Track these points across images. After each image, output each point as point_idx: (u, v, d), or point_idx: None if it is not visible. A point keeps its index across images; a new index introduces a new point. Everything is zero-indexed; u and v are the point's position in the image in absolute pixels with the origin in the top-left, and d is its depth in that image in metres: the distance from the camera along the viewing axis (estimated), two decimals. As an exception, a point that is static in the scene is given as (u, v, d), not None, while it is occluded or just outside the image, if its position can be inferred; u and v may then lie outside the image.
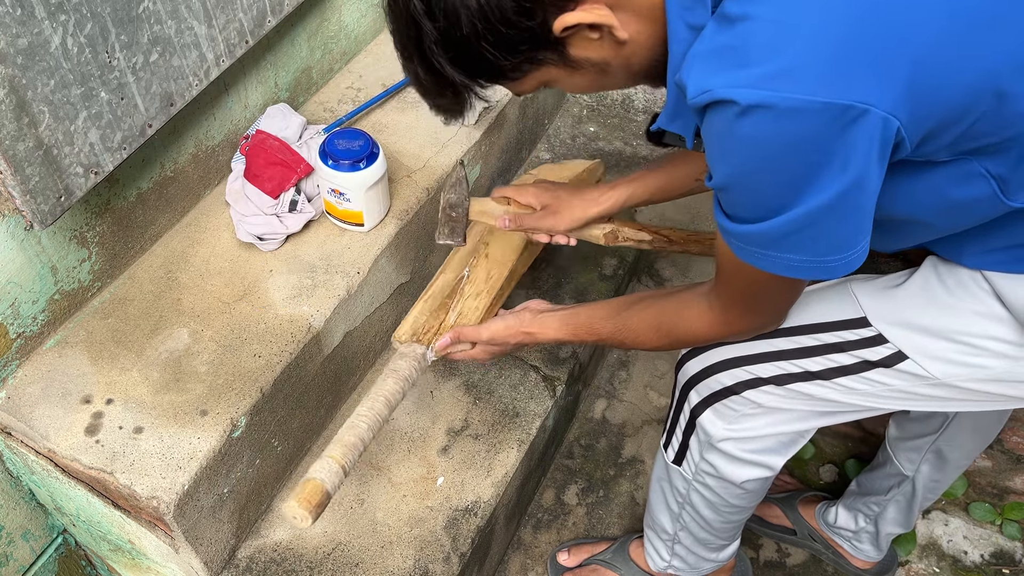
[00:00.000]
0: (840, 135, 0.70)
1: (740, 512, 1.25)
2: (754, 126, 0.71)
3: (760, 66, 0.70)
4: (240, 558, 1.32)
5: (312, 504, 1.02)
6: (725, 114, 0.72)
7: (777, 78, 0.69)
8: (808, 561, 1.61)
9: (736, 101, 0.70)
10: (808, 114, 0.69)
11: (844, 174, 0.72)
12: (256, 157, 1.38)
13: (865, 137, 0.70)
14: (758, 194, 0.77)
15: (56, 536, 1.45)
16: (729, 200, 0.81)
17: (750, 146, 0.73)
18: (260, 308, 1.31)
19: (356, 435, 1.10)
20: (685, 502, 1.26)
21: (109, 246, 1.30)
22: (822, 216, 0.75)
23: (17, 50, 0.96)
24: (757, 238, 0.80)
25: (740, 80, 0.70)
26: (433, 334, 1.25)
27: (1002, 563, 1.62)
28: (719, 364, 1.10)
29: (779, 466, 1.15)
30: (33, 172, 1.04)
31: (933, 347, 0.95)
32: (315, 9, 1.54)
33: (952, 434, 1.31)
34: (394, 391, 1.16)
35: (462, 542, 1.36)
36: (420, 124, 1.61)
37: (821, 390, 1.04)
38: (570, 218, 1.28)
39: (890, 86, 0.69)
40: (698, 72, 0.74)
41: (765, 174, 0.75)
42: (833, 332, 1.02)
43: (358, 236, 1.42)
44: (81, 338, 1.27)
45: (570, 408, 1.71)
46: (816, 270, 0.80)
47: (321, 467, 1.06)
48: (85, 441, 1.16)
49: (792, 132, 0.70)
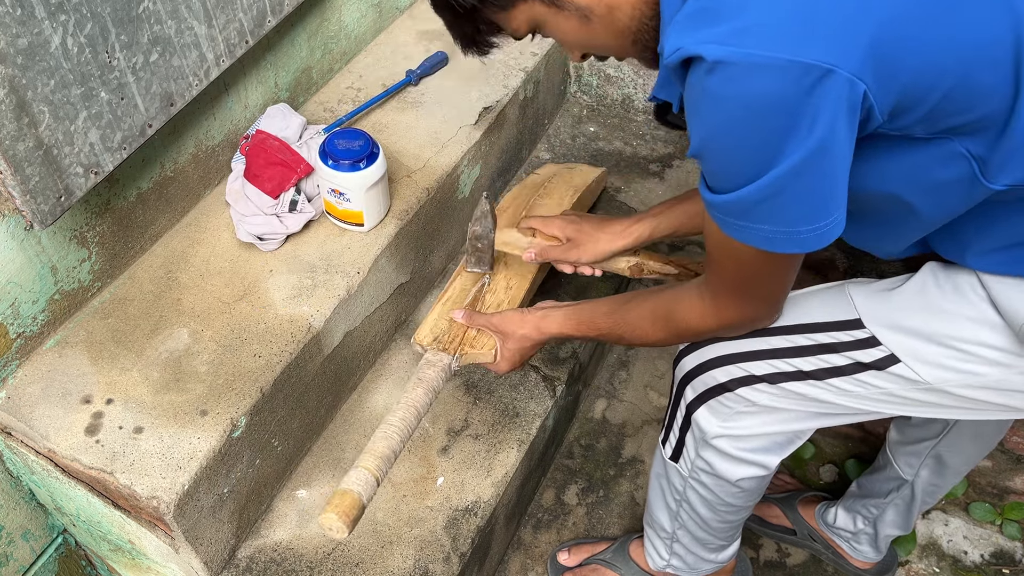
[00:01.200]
0: (806, 96, 0.71)
1: (737, 512, 1.25)
2: (721, 83, 0.72)
3: (727, 23, 0.72)
4: (240, 558, 1.32)
5: (350, 517, 1.02)
6: (696, 73, 0.74)
7: (741, 34, 0.71)
8: (808, 561, 1.61)
9: (703, 57, 0.72)
10: (772, 71, 0.70)
11: (810, 136, 0.73)
12: (256, 157, 1.38)
13: (831, 98, 0.71)
14: (730, 159, 0.78)
15: (56, 536, 1.45)
16: (707, 168, 0.82)
17: (718, 103, 0.74)
18: (260, 308, 1.31)
19: (389, 447, 1.10)
20: (682, 500, 1.26)
21: (109, 246, 1.30)
22: (790, 181, 0.76)
23: (17, 50, 0.96)
24: (733, 207, 0.81)
25: (708, 37, 0.72)
26: (458, 343, 1.27)
27: (1002, 563, 1.62)
28: (714, 360, 1.10)
29: (774, 465, 1.15)
30: (33, 172, 1.04)
31: (925, 351, 0.95)
32: (315, 9, 1.54)
33: (952, 440, 1.31)
34: (424, 402, 1.17)
35: (462, 542, 1.36)
36: (420, 124, 1.61)
37: (814, 390, 1.04)
38: (595, 251, 1.31)
39: (853, 48, 0.70)
40: (674, 33, 0.76)
41: (734, 135, 0.76)
42: (827, 332, 1.01)
43: (358, 236, 1.42)
44: (81, 338, 1.27)
45: (570, 408, 1.71)
46: (788, 242, 0.81)
47: (356, 479, 1.05)
48: (85, 441, 1.16)
49: (758, 89, 0.72)
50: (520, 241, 1.37)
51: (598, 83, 2.04)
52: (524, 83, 1.76)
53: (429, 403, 1.18)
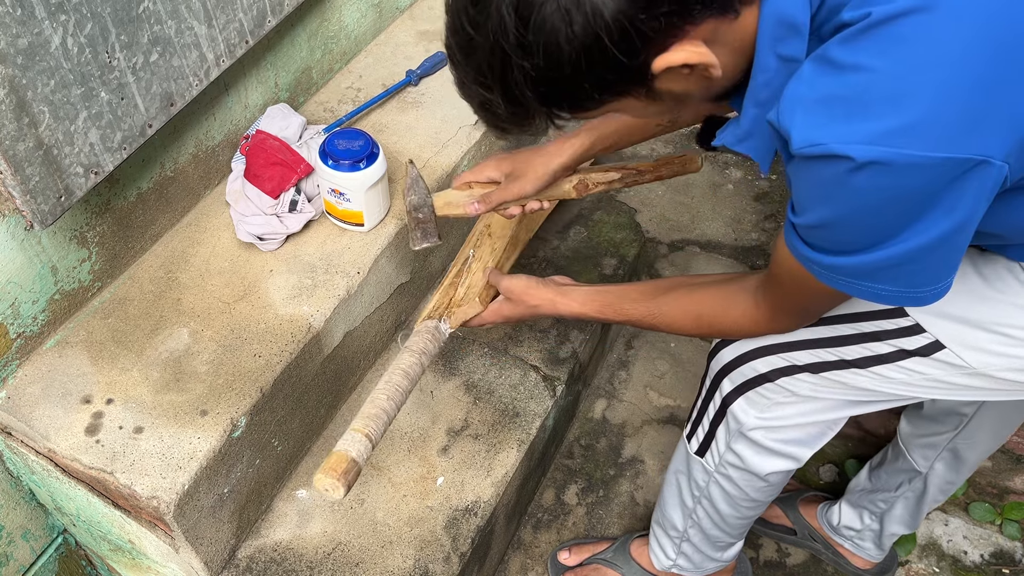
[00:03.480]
0: (952, 183, 0.69)
1: (756, 507, 1.26)
2: (868, 180, 0.70)
3: (879, 121, 0.68)
4: (240, 558, 1.32)
5: (339, 472, 1.01)
6: (837, 167, 0.70)
7: (898, 135, 0.67)
8: (808, 561, 1.61)
9: (852, 157, 0.68)
10: (927, 169, 0.68)
11: (950, 216, 0.72)
12: (256, 157, 1.38)
13: (978, 184, 0.70)
14: (855, 234, 0.76)
15: (56, 536, 1.45)
16: (816, 235, 0.79)
17: (859, 196, 0.72)
18: (260, 308, 1.31)
19: (376, 406, 1.09)
20: (702, 495, 1.26)
21: (109, 246, 1.30)
22: (922, 255, 0.75)
23: (17, 50, 0.96)
24: (848, 269, 0.79)
25: (856, 136, 0.68)
26: (444, 309, 1.24)
27: (1002, 563, 1.62)
28: (755, 351, 1.10)
29: (806, 458, 1.15)
30: (33, 172, 1.04)
31: (970, 337, 0.96)
32: (315, 9, 1.54)
33: (971, 432, 1.31)
34: (411, 363, 1.15)
35: (462, 542, 1.36)
36: (420, 124, 1.62)
37: (856, 378, 1.05)
38: (535, 177, 1.22)
39: (1009, 136, 0.68)
40: (804, 120, 0.71)
41: (869, 219, 0.74)
42: (871, 321, 1.02)
43: (358, 236, 1.42)
44: (81, 338, 1.27)
45: (570, 408, 1.71)
46: (907, 299, 0.80)
47: (344, 439, 1.05)
48: (85, 441, 1.16)
49: (907, 186, 0.70)
50: (459, 198, 1.26)
51: (598, 83, 2.04)
52: (524, 83, 1.75)
53: (420, 366, 1.16)
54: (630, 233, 1.84)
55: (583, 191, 1.29)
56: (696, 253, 2.01)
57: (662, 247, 1.98)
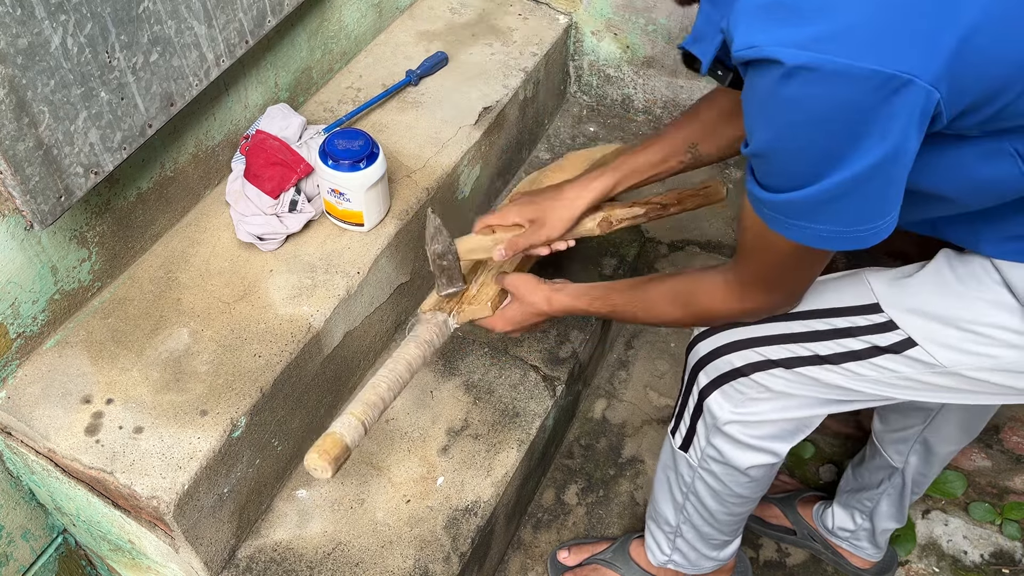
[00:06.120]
0: (882, 104, 0.70)
1: (744, 504, 1.26)
2: (798, 88, 0.71)
3: (809, 26, 0.70)
4: (240, 558, 1.32)
5: (331, 456, 1.03)
6: (769, 75, 0.72)
7: (825, 40, 0.69)
8: (808, 561, 1.61)
9: (782, 61, 0.70)
10: (853, 79, 0.69)
11: (882, 144, 0.72)
12: (256, 157, 1.38)
13: (906, 108, 0.70)
14: (796, 161, 0.77)
15: (56, 536, 1.45)
16: (764, 168, 0.81)
17: (792, 109, 0.73)
18: (260, 308, 1.31)
19: (376, 394, 1.11)
20: (690, 491, 1.26)
21: (109, 246, 1.30)
22: (857, 186, 0.75)
23: (17, 50, 0.96)
24: (790, 207, 0.80)
25: (787, 39, 0.70)
26: (454, 304, 1.25)
27: (1002, 563, 1.62)
28: (730, 345, 1.11)
29: (784, 453, 1.16)
30: (33, 172, 1.04)
31: (942, 334, 0.96)
32: (315, 9, 1.54)
33: (938, 425, 1.32)
34: (415, 354, 1.16)
35: (462, 542, 1.36)
36: (420, 124, 1.62)
37: (829, 375, 1.05)
38: (560, 221, 1.26)
39: (935, 58, 0.69)
40: (745, 25, 0.73)
41: (805, 139, 0.75)
42: (845, 317, 1.02)
43: (358, 236, 1.42)
44: (81, 338, 1.27)
45: (570, 408, 1.71)
46: (846, 241, 0.80)
47: (340, 423, 1.07)
48: (85, 441, 1.16)
49: (835, 97, 0.70)
50: (483, 243, 1.29)
51: (598, 83, 2.04)
52: (524, 83, 1.76)
53: (422, 357, 1.17)
54: (630, 233, 1.84)
55: (607, 229, 1.31)
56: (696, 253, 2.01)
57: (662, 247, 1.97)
